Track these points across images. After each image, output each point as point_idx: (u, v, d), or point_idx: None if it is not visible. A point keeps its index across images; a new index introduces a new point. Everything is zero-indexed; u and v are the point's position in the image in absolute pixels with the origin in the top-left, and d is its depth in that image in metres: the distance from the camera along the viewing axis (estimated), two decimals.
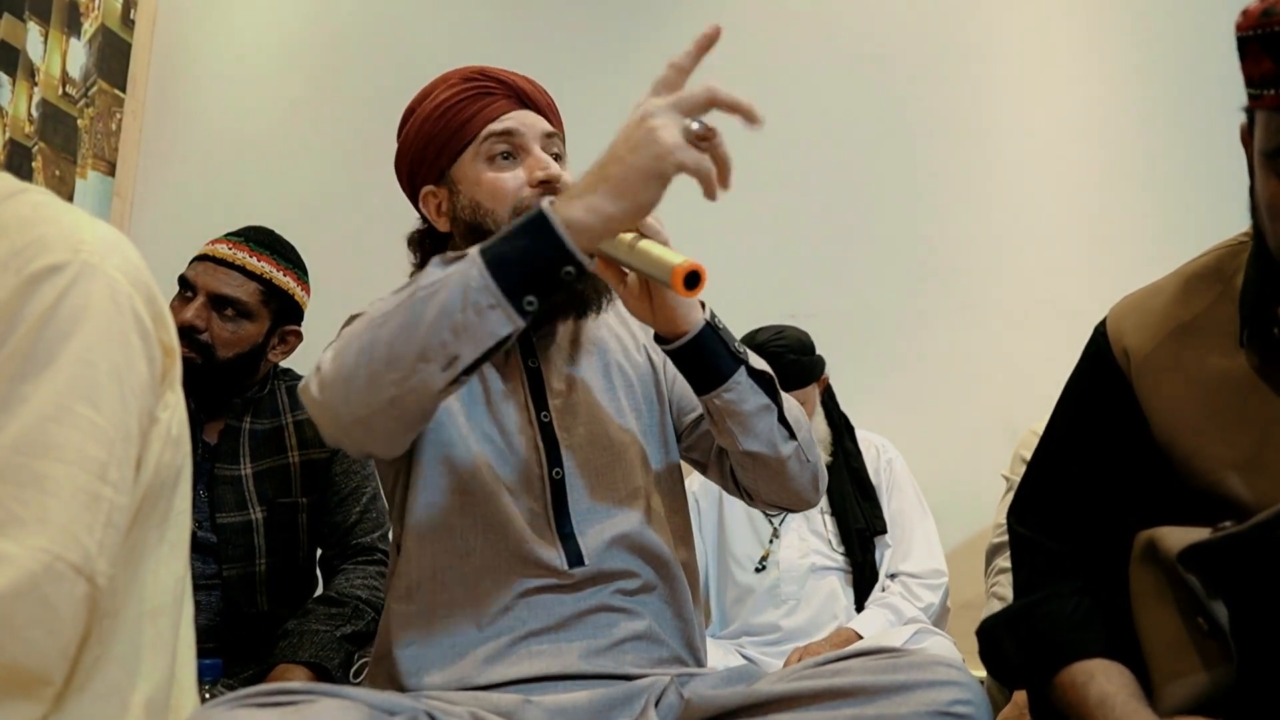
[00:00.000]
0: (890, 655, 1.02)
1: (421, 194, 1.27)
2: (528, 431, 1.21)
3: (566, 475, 1.19)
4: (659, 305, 1.10)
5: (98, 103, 2.63)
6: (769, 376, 1.15)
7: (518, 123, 1.21)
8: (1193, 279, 1.03)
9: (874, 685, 0.96)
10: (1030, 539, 1.07)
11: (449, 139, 1.22)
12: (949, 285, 2.51)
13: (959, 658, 1.79)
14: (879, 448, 2.22)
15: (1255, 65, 0.87)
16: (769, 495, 1.22)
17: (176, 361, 0.85)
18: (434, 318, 0.93)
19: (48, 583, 0.70)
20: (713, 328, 1.12)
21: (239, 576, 1.62)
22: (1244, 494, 0.94)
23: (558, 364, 1.26)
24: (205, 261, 1.69)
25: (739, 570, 2.12)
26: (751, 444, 1.14)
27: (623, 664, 1.13)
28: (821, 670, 1.02)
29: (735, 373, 1.12)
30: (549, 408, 1.22)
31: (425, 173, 1.25)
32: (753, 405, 1.13)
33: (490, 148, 1.20)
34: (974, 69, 2.58)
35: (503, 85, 1.23)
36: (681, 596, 1.21)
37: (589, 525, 1.18)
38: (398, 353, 0.94)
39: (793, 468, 1.17)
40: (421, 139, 1.24)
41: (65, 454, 0.72)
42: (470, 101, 1.22)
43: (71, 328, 0.75)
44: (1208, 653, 0.89)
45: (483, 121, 1.21)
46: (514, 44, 2.70)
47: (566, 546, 1.16)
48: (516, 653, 1.12)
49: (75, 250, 0.77)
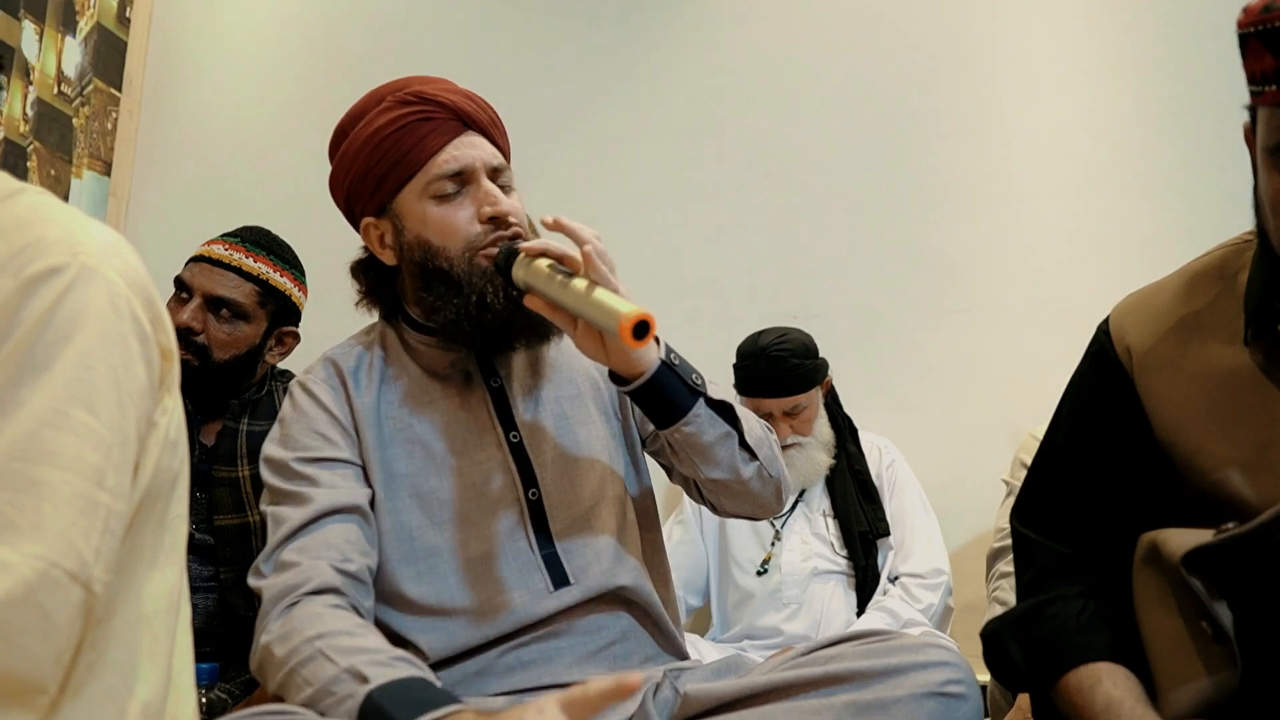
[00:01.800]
0: (881, 639, 1.03)
1: (362, 224, 1.23)
2: (498, 455, 1.19)
3: (544, 495, 1.18)
4: (612, 348, 1.08)
5: (93, 102, 2.62)
6: (728, 405, 1.15)
7: (465, 157, 1.16)
8: (1196, 277, 1.03)
9: (868, 670, 0.97)
10: (1033, 540, 1.06)
11: (388, 171, 1.16)
12: (953, 286, 2.49)
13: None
14: (881, 449, 2.21)
15: (1256, 62, 0.87)
16: (731, 510, 1.23)
17: (175, 365, 0.84)
18: (316, 711, 0.95)
19: (43, 590, 0.69)
20: (668, 366, 1.10)
21: (236, 579, 1.61)
22: (1247, 493, 0.93)
23: (522, 381, 1.24)
24: (201, 263, 1.68)
25: (740, 573, 2.11)
26: (713, 472, 1.14)
27: (615, 667, 1.13)
28: (815, 657, 1.02)
29: (694, 406, 1.11)
30: (517, 427, 1.20)
31: (364, 204, 1.21)
32: (712, 435, 1.12)
33: (438, 186, 1.16)
34: (980, 68, 2.57)
35: (442, 109, 1.17)
36: (654, 607, 1.21)
37: (571, 543, 1.17)
38: (300, 702, 0.97)
39: (754, 487, 1.17)
40: (359, 169, 1.18)
41: (62, 460, 0.71)
42: (409, 131, 1.15)
43: (69, 331, 0.74)
44: (1212, 657, 0.89)
45: (424, 153, 1.15)
46: (509, 43, 2.69)
47: (550, 568, 1.15)
48: (505, 671, 1.12)
49: (74, 252, 0.76)
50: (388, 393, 1.21)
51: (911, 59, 2.60)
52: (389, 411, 1.20)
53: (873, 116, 2.59)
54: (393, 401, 1.21)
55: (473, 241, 1.15)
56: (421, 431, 1.19)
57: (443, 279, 1.16)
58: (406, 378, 1.23)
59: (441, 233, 1.16)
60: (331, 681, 0.94)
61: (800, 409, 2.08)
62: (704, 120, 2.63)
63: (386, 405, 1.20)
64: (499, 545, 1.15)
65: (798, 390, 2.07)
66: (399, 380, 1.22)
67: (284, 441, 1.18)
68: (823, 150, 2.59)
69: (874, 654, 0.99)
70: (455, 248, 1.15)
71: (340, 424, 1.18)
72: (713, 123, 2.63)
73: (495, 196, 1.16)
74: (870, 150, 2.58)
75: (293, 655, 0.98)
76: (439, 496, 1.16)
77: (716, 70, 2.66)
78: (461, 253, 1.15)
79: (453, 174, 1.16)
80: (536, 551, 1.15)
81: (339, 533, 1.11)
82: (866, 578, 2.03)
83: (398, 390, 1.22)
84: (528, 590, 1.13)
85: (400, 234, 1.18)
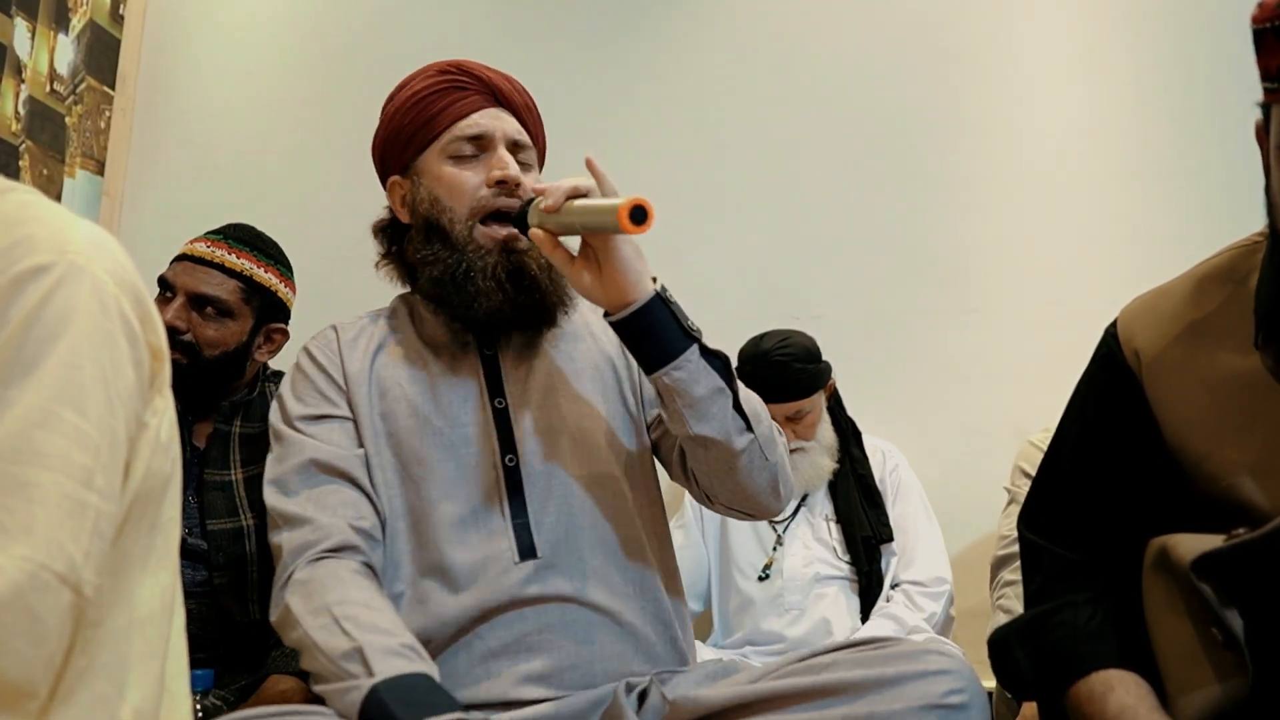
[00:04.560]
0: (879, 646, 1.00)
1: (389, 183, 1.29)
2: (479, 417, 1.19)
3: (522, 462, 1.17)
4: (607, 277, 1.08)
5: (86, 100, 2.60)
6: (724, 359, 1.12)
7: (487, 123, 1.22)
8: (1205, 280, 1.01)
9: (864, 680, 0.94)
10: (1041, 546, 1.05)
11: (416, 131, 1.23)
12: (957, 287, 2.48)
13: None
14: (885, 453, 2.19)
15: (1271, 58, 0.86)
16: (726, 495, 1.17)
17: (165, 365, 0.83)
18: (321, 680, 1.00)
19: (32, 593, 0.68)
20: (663, 300, 1.09)
21: (230, 584, 1.59)
22: (1258, 499, 0.92)
23: (518, 351, 1.25)
24: (184, 261, 1.66)
25: (742, 578, 2.09)
26: (701, 427, 1.09)
27: (591, 678, 1.11)
28: (810, 665, 1.00)
29: (686, 350, 1.08)
30: (504, 394, 1.21)
31: (393, 163, 1.27)
32: (705, 388, 1.09)
33: (457, 147, 1.21)
34: (984, 68, 2.56)
35: (478, 81, 1.24)
36: (655, 594, 1.18)
37: (546, 514, 1.15)
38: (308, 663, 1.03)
39: (746, 463, 1.12)
40: (393, 129, 1.25)
41: (51, 461, 0.70)
42: (441, 95, 1.23)
43: (58, 330, 0.73)
44: (1222, 664, 0.88)
45: (451, 118, 1.22)
46: (509, 44, 2.67)
47: (519, 537, 1.13)
48: (475, 676, 1.10)
49: (62, 251, 0.75)
50: (382, 356, 1.25)
51: (916, 59, 2.59)
52: (381, 373, 1.24)
53: (877, 116, 2.58)
54: (386, 364, 1.24)
55: (478, 204, 1.20)
56: (410, 392, 1.21)
57: (441, 237, 1.20)
58: (404, 344, 1.26)
59: (450, 191, 1.21)
60: (342, 657, 0.97)
61: (803, 413, 2.06)
62: (705, 120, 2.62)
63: (380, 367, 1.24)
64: (471, 509, 1.15)
65: (801, 395, 2.05)
66: (396, 346, 1.26)
67: (288, 399, 1.23)
68: (825, 150, 2.58)
69: (870, 663, 0.96)
70: (461, 209, 1.20)
71: (335, 382, 1.23)
72: (714, 123, 2.62)
73: (506, 162, 1.21)
74: (874, 150, 2.57)
75: (311, 617, 1.03)
76: (419, 455, 1.17)
77: (718, 69, 2.65)
78: (465, 218, 1.20)
79: (472, 136, 1.22)
80: (508, 519, 1.14)
81: (349, 489, 1.14)
82: (870, 583, 2.02)
83: (392, 355, 1.25)
84: (494, 558, 1.12)
85: (416, 190, 1.24)
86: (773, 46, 2.65)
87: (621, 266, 1.07)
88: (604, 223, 1.05)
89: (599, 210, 1.05)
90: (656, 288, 1.09)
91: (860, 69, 2.60)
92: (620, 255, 1.07)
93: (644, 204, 1.00)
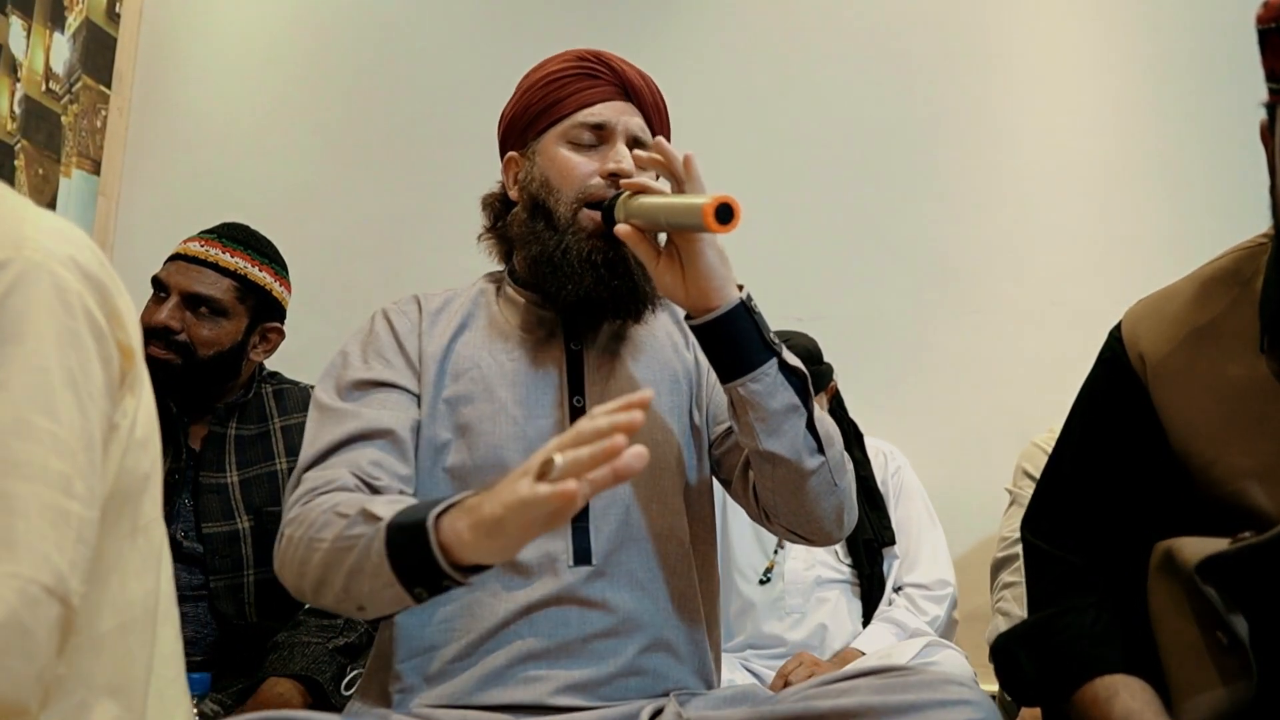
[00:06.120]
0: (899, 674, 0.99)
1: (506, 158, 1.28)
2: (556, 414, 1.17)
3: None
4: (691, 277, 1.07)
5: (82, 99, 2.59)
6: (803, 376, 1.09)
7: (610, 115, 1.21)
8: (1210, 282, 1.01)
9: (882, 706, 0.93)
10: (1044, 550, 1.04)
11: (542, 111, 1.22)
12: (959, 287, 2.47)
13: (971, 672, 1.76)
14: (886, 455, 2.18)
15: (1277, 58, 0.85)
16: (788, 516, 1.13)
17: (136, 363, 0.79)
18: (345, 575, 0.96)
19: (23, 609, 0.66)
20: (747, 309, 1.07)
21: (226, 588, 1.58)
22: (1264, 503, 0.92)
23: (601, 350, 1.23)
24: (177, 260, 1.65)
25: (742, 582, 2.08)
26: (772, 444, 1.07)
27: (626, 692, 1.09)
28: (828, 690, 0.99)
29: (766, 363, 1.06)
30: (584, 392, 1.19)
31: (515, 139, 1.26)
32: (780, 403, 1.06)
33: (577, 133, 1.21)
34: (986, 67, 2.55)
35: (612, 73, 1.23)
36: (694, 613, 1.17)
37: (606, 522, 1.13)
38: (326, 582, 0.99)
39: (815, 485, 1.09)
40: (521, 105, 1.25)
41: (28, 470, 0.68)
42: (573, 80, 1.22)
43: (18, 332, 0.69)
44: (1227, 667, 0.87)
45: (577, 104, 1.21)
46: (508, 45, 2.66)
47: (576, 540, 1.11)
48: (514, 677, 1.08)
49: (17, 246, 0.71)
50: (465, 334, 1.23)
51: (919, 58, 2.58)
52: (462, 351, 1.21)
53: (877, 116, 2.57)
54: (468, 343, 1.22)
55: (585, 191, 1.18)
56: (489, 375, 1.19)
57: (545, 216, 1.19)
58: (488, 325, 1.24)
59: (562, 174, 1.19)
60: (347, 526, 0.96)
61: None
62: (705, 120, 2.61)
63: (461, 345, 1.22)
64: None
65: None
66: (480, 327, 1.24)
67: (353, 357, 1.19)
68: (827, 150, 2.57)
69: (890, 689, 0.95)
70: (569, 192, 1.18)
71: (405, 353, 1.20)
72: (714, 123, 2.61)
73: (623, 156, 1.19)
74: (874, 150, 2.56)
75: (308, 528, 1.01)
76: (490, 442, 1.15)
77: (718, 70, 2.64)
78: (571, 201, 1.18)
79: (593, 125, 1.20)
80: (568, 520, 1.11)
81: (367, 454, 1.11)
82: (871, 586, 2.00)
83: (475, 335, 1.23)
84: (550, 557, 1.10)
85: (530, 169, 1.23)
86: (773, 47, 2.64)
87: (706, 270, 1.06)
88: (688, 220, 1.01)
89: (683, 208, 1.02)
90: (742, 295, 1.08)
91: (860, 69, 2.59)
92: (705, 259, 1.06)
93: (730, 201, 0.96)
